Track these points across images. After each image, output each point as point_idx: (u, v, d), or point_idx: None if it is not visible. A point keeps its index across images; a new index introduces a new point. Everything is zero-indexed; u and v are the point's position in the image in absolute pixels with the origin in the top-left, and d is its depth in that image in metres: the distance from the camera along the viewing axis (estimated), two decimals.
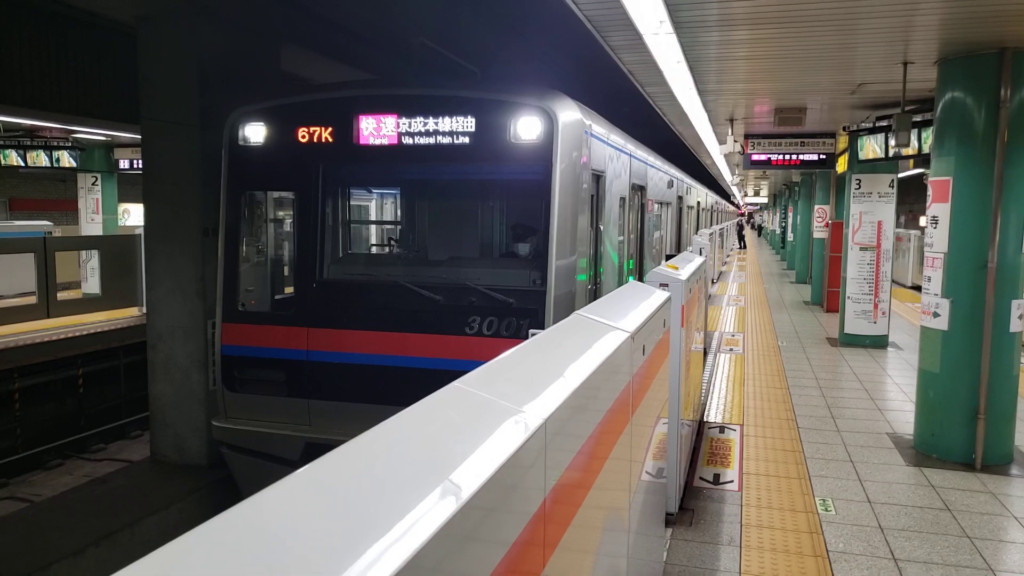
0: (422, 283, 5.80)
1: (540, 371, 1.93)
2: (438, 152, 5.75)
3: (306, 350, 5.95)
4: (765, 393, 7.78)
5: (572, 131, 5.68)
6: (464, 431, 1.41)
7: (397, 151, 5.85)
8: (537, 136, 5.51)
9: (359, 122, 5.88)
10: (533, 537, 1.47)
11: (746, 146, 11.24)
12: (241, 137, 6.20)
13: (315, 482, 1.07)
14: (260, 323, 6.28)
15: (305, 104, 6.19)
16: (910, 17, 4.87)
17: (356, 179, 7.27)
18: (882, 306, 10.57)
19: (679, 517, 4.61)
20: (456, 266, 6.27)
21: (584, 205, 5.98)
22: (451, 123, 5.69)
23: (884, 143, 8.40)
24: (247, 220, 6.53)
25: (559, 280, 5.54)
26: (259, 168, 6.26)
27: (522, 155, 5.58)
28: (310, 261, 6.11)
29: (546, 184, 5.52)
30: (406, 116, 5.78)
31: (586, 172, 6.01)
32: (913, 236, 19.28)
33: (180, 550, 0.82)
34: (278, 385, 6.05)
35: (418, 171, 6.69)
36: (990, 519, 4.66)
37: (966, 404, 5.62)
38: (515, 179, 6.36)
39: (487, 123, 5.63)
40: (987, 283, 5.47)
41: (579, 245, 5.85)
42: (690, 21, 4.99)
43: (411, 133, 5.78)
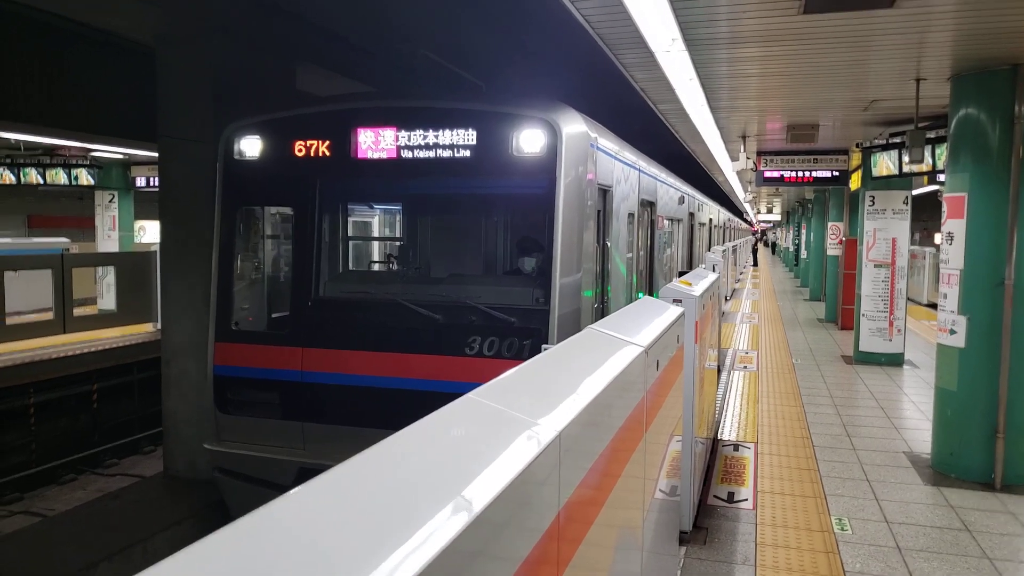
0: (421, 301, 5.62)
1: (554, 384, 1.93)
2: (438, 166, 5.60)
3: (301, 371, 5.76)
4: (780, 411, 7.71)
5: (577, 144, 5.52)
6: (477, 443, 1.41)
7: (396, 165, 5.70)
8: (540, 149, 5.36)
9: (357, 135, 5.75)
10: (546, 554, 1.46)
11: (759, 163, 11.23)
12: (236, 151, 6.09)
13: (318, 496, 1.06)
14: (254, 343, 6.10)
15: (302, 118, 6.07)
16: (923, 34, 4.87)
17: (354, 194, 7.12)
18: (897, 323, 10.48)
19: (693, 535, 4.56)
20: (456, 283, 6.08)
21: (590, 221, 5.79)
22: (452, 136, 5.54)
23: (898, 159, 8.37)
24: (242, 236, 6.41)
25: (563, 298, 5.35)
26: (255, 183, 6.13)
27: (525, 169, 5.43)
28: (306, 278, 5.96)
29: (550, 199, 5.37)
30: (405, 129, 5.65)
31: (592, 187, 5.82)
32: (928, 253, 19.14)
33: (202, 552, 0.83)
34: (272, 407, 5.87)
35: (418, 185, 6.50)
36: (1010, 540, 4.58)
37: (984, 422, 5.54)
38: (518, 193, 6.20)
39: (489, 136, 5.48)
40: (1005, 300, 5.41)
41: (584, 262, 5.65)
42: (702, 39, 5.02)
43: (411, 146, 5.64)
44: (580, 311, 5.57)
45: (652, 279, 9.76)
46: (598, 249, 6.26)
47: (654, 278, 9.83)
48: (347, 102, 6.28)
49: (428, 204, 7.48)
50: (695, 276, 5.78)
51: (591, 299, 5.90)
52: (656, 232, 9.84)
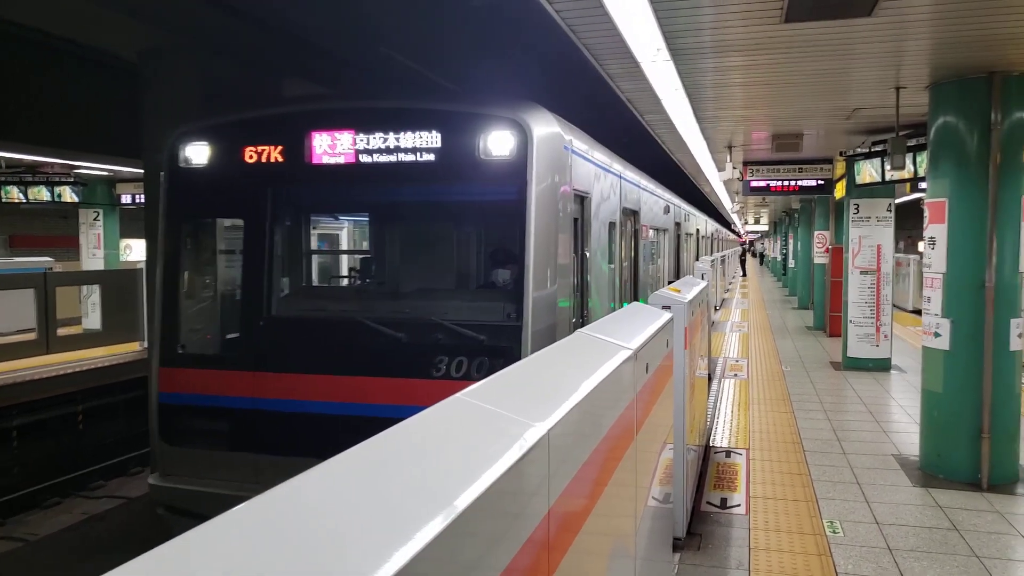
0: (382, 319, 5.21)
1: (543, 384, 1.94)
2: (399, 171, 5.21)
3: (252, 397, 5.30)
4: (770, 417, 7.74)
5: (549, 146, 5.16)
6: (464, 441, 1.41)
7: (354, 171, 5.30)
8: (509, 152, 4.98)
9: (312, 140, 5.35)
10: (534, 556, 1.45)
11: (745, 172, 11.33)
12: (182, 158, 5.64)
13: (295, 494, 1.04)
14: (202, 367, 5.60)
15: (253, 121, 5.64)
16: (901, 43, 4.96)
17: (309, 203, 6.52)
18: (884, 329, 10.57)
19: (687, 542, 4.56)
20: (421, 299, 5.68)
21: (565, 229, 5.42)
22: (413, 139, 5.16)
23: (880, 167, 8.48)
24: (190, 251, 5.98)
25: (537, 313, 4.96)
26: (202, 193, 5.68)
27: (493, 173, 5.04)
28: (257, 296, 5.51)
29: (521, 205, 4.98)
30: (364, 132, 5.25)
31: (567, 193, 5.47)
32: (912, 261, 19.32)
33: (185, 546, 0.83)
34: (222, 438, 5.41)
35: (377, 193, 5.96)
36: (998, 538, 4.61)
37: (970, 424, 5.59)
38: (487, 200, 5.68)
39: (453, 138, 5.10)
40: (986, 302, 5.48)
41: (560, 274, 5.28)
42: (686, 48, 5.08)
43: (369, 151, 5.25)
44: (556, 327, 5.20)
45: (637, 292, 9.38)
46: (576, 260, 5.93)
47: (639, 291, 9.46)
48: (301, 104, 5.88)
49: (389, 213, 6.95)
50: (684, 284, 5.82)
51: (568, 314, 5.55)
52: (640, 242, 9.50)
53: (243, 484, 5.10)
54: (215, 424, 5.44)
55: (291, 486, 1.05)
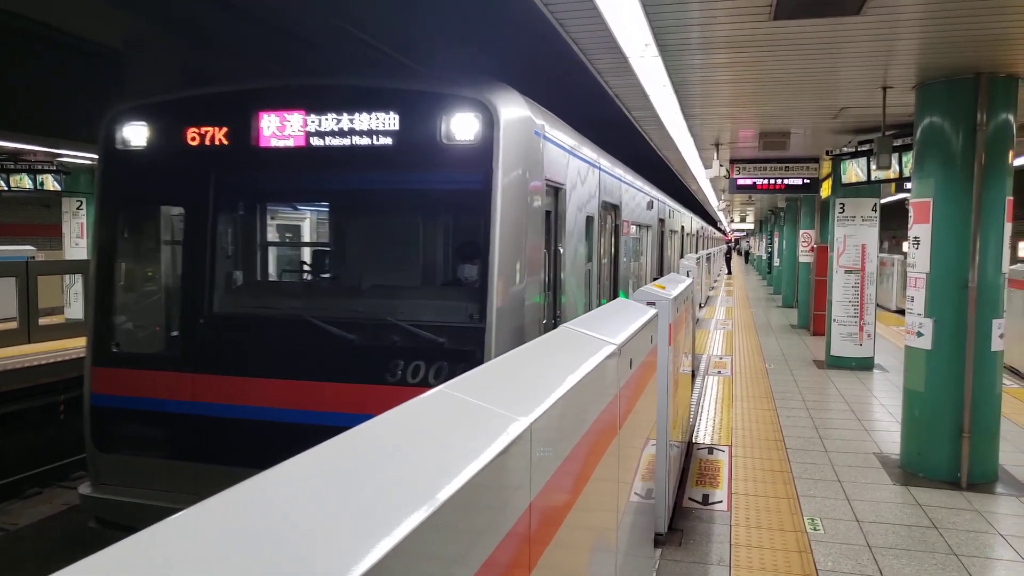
0: (333, 318, 4.83)
1: (526, 378, 1.92)
2: (353, 156, 4.82)
3: (191, 401, 4.90)
4: (753, 415, 7.78)
5: (518, 131, 4.77)
6: (445, 433, 1.40)
7: (304, 156, 4.90)
8: (474, 136, 4.60)
9: (259, 121, 4.94)
10: (515, 549, 1.45)
11: (731, 170, 11.36)
12: (120, 140, 5.21)
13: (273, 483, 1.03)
14: (139, 367, 5.16)
15: (196, 100, 5.21)
16: (889, 42, 4.97)
17: (255, 190, 5.95)
18: (867, 328, 10.64)
19: (668, 537, 4.58)
20: (375, 297, 5.26)
21: (536, 223, 5.04)
22: (369, 121, 4.75)
23: (866, 167, 8.53)
24: (128, 241, 5.53)
25: (503, 314, 4.58)
26: (141, 178, 5.25)
27: (456, 160, 4.66)
28: (198, 291, 5.10)
29: (485, 195, 4.59)
30: (315, 112, 4.86)
31: (538, 182, 5.09)
32: (897, 261, 19.50)
33: (157, 535, 0.81)
34: (159, 445, 5.01)
35: (329, 180, 5.47)
36: (976, 536, 4.65)
37: (951, 423, 5.64)
38: (448, 189, 5.25)
39: (412, 120, 4.70)
40: (968, 303, 5.53)
41: (529, 272, 4.91)
42: (674, 44, 5.07)
43: (321, 133, 4.85)
44: (524, 328, 4.84)
45: (616, 291, 8.95)
46: (548, 257, 5.54)
47: (619, 290, 9.04)
48: (248, 82, 5.35)
49: (342, 202, 6.48)
50: (670, 281, 5.83)
51: (538, 314, 5.16)
52: (621, 238, 9.09)
53: (181, 496, 4.43)
54: (151, 430, 5.05)
55: (266, 477, 1.03)
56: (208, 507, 0.91)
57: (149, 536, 0.81)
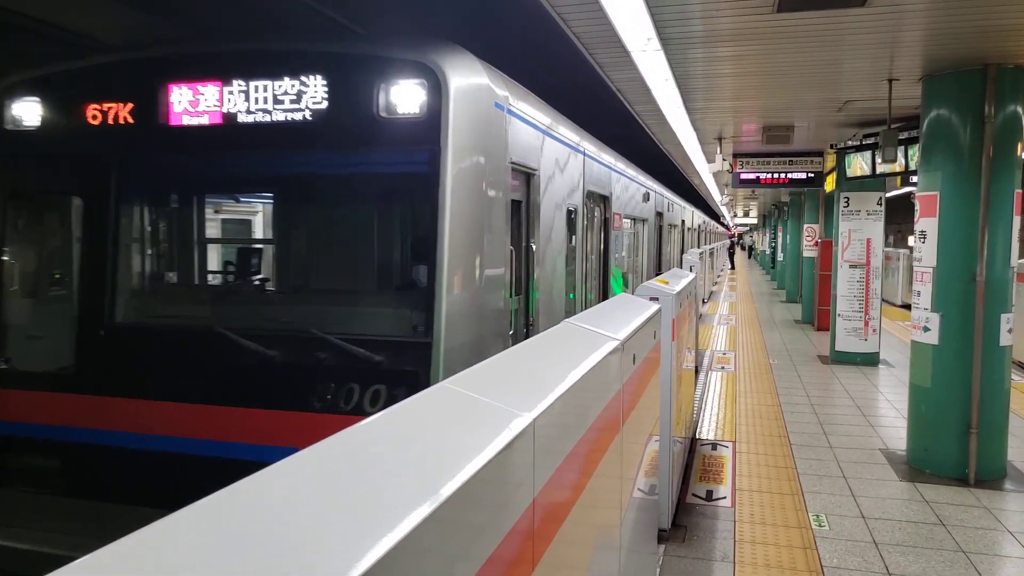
0: (249, 330, 4.07)
1: (529, 373, 1.90)
2: (276, 135, 4.09)
3: (85, 428, 4.16)
4: (757, 410, 7.74)
5: (473, 102, 4.02)
6: (448, 429, 1.37)
7: (222, 134, 4.18)
8: (418, 108, 3.85)
9: (168, 94, 4.21)
10: (518, 546, 1.42)
11: (735, 165, 11.31)
12: (8, 119, 4.53)
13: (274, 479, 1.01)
14: (25, 387, 4.39)
15: (95, 71, 4.49)
16: (895, 34, 4.92)
17: (164, 175, 4.99)
18: (873, 323, 10.59)
19: (672, 534, 4.55)
20: (301, 304, 4.58)
21: (498, 214, 4.28)
22: (296, 92, 4.03)
23: (871, 160, 8.47)
24: (16, 238, 4.78)
25: (454, 325, 3.82)
26: (32, 163, 4.58)
27: (396, 137, 3.91)
28: (96, 297, 4.36)
29: (432, 180, 3.83)
30: (233, 82, 4.13)
31: (502, 166, 4.35)
32: (902, 255, 19.42)
33: (164, 529, 0.78)
34: (47, 479, 4.25)
35: (249, 163, 4.60)
36: (984, 533, 4.62)
37: (958, 419, 5.60)
38: (388, 173, 4.42)
39: (344, 90, 3.97)
40: (976, 297, 5.48)
41: (489, 272, 4.15)
42: (677, 37, 5.03)
43: (241, 109, 4.13)
44: (483, 341, 4.08)
45: (606, 292, 8.05)
46: (516, 254, 4.80)
47: (609, 291, 8.13)
48: (153, 48, 4.57)
49: (264, 190, 5.60)
50: (672, 276, 5.79)
51: (502, 324, 4.40)
52: (611, 233, 8.24)
53: (71, 539, 3.98)
54: (38, 461, 4.30)
55: (269, 473, 1.01)
56: (207, 504, 0.89)
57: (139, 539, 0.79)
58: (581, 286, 6.88)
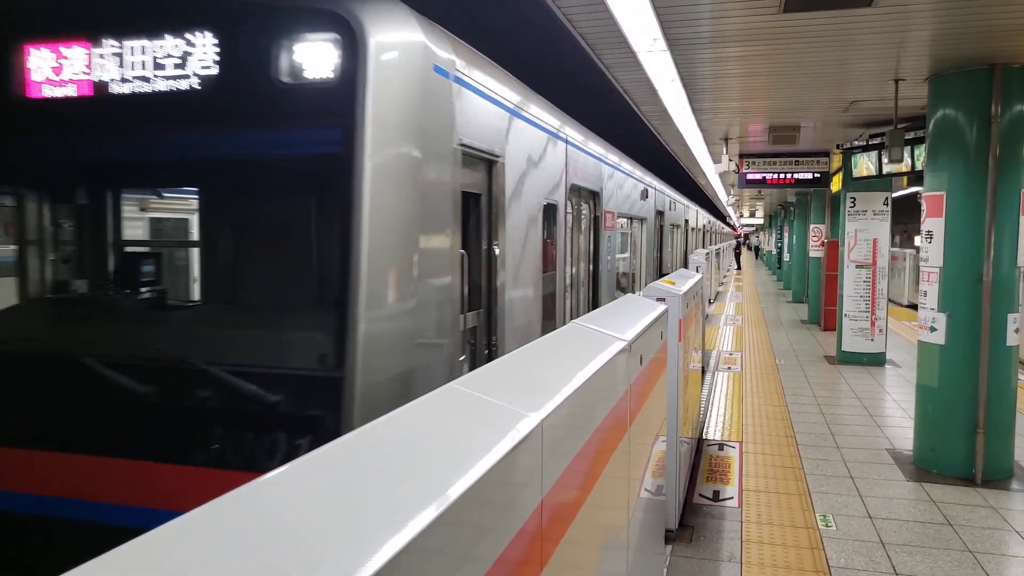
0: (110, 357, 3.18)
1: (537, 375, 1.91)
2: (160, 108, 3.23)
3: None
4: (764, 411, 7.74)
5: (405, 64, 3.16)
6: (457, 430, 1.39)
7: (95, 108, 3.32)
8: (330, 71, 3.00)
9: (24, 58, 3.38)
10: (526, 547, 1.43)
11: (741, 165, 11.30)
12: None
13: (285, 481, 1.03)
14: None
15: None
16: (902, 34, 4.92)
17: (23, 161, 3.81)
18: (879, 323, 10.57)
19: (679, 534, 4.55)
20: (177, 324, 3.66)
21: (441, 209, 3.44)
22: (181, 53, 3.18)
23: (877, 160, 8.46)
24: None
25: (376, 353, 2.98)
26: None
27: (303, 109, 3.07)
28: None
29: (346, 165, 2.98)
30: (105, 43, 3.27)
31: (446, 149, 3.50)
32: (908, 255, 19.35)
33: (172, 531, 0.80)
34: None
35: (123, 145, 3.50)
36: (992, 533, 4.61)
37: (965, 418, 5.59)
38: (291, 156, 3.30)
39: (241, 49, 3.11)
40: (983, 297, 5.47)
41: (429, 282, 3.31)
42: (683, 38, 5.03)
43: (116, 77, 3.27)
44: (420, 372, 3.24)
45: (598, 300, 7.15)
46: (471, 261, 3.97)
47: (599, 299, 7.18)
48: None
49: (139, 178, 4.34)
50: (679, 276, 5.80)
51: (450, 349, 3.54)
52: (602, 234, 7.30)
53: None
54: None
55: (277, 475, 1.03)
56: (215, 507, 0.90)
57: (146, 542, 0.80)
58: (565, 294, 6.00)
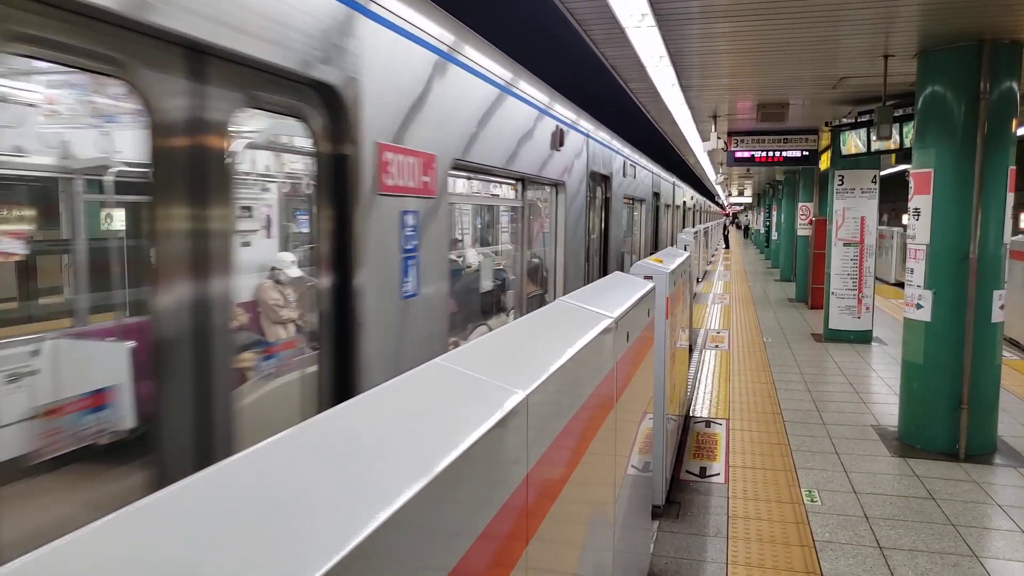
0: None
1: (522, 351, 1.90)
2: None
3: None
4: (751, 388, 7.79)
5: None
6: (441, 405, 1.38)
7: None
8: None
9: None
10: (512, 522, 1.43)
11: (729, 143, 11.27)
12: None
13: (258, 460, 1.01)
14: None
15: None
16: (890, 9, 4.88)
17: None
18: (866, 301, 10.63)
19: (666, 510, 4.59)
20: None
21: None
22: None
23: (866, 138, 8.45)
24: None
25: None
26: None
27: None
28: None
29: None
30: None
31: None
32: (896, 233, 19.45)
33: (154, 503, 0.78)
34: None
35: None
36: (974, 507, 4.67)
37: (949, 395, 5.64)
38: None
39: None
40: (969, 274, 5.49)
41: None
42: (672, 13, 4.98)
43: None
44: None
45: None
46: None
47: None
48: None
49: None
50: (667, 255, 5.79)
51: None
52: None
53: None
54: None
55: (261, 449, 1.01)
56: (198, 479, 0.89)
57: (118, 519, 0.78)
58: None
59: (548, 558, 1.70)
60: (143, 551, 0.74)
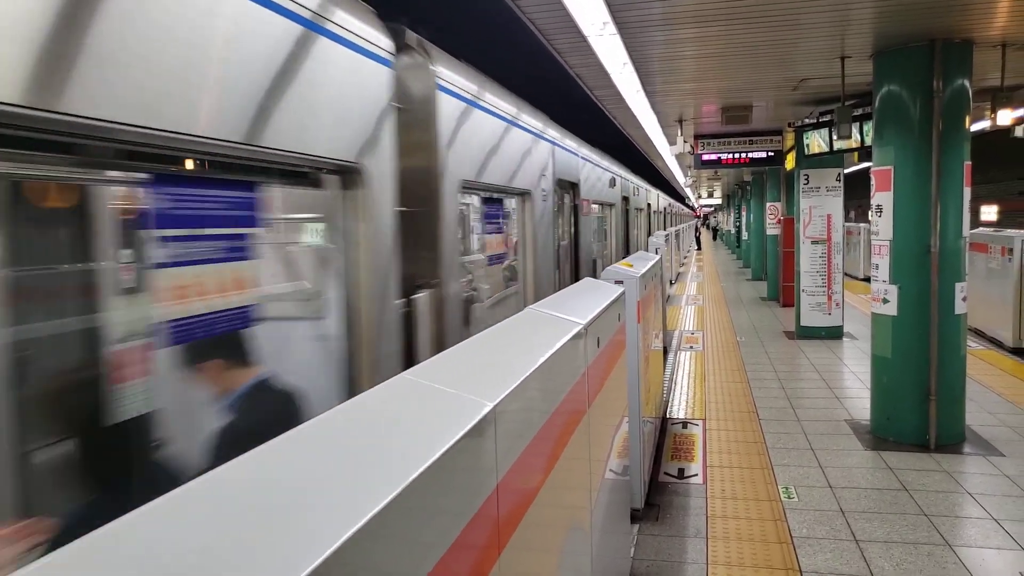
0: None
1: (489, 361, 1.91)
2: None
3: None
4: (726, 388, 7.86)
5: None
6: (408, 419, 1.38)
7: None
8: None
9: None
10: (482, 533, 1.44)
11: (696, 146, 11.41)
12: None
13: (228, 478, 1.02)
14: None
15: None
16: (845, 11, 4.99)
17: None
18: (836, 297, 10.80)
19: (645, 512, 4.61)
20: None
21: None
22: None
23: (828, 137, 8.60)
24: None
25: None
26: None
27: None
28: None
29: None
30: None
31: None
32: (863, 229, 19.78)
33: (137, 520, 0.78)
34: None
35: None
36: (945, 496, 4.76)
37: (918, 387, 5.75)
38: None
39: None
40: (931, 268, 5.61)
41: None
42: (633, 21, 5.05)
43: None
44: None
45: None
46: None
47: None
48: None
49: None
50: (637, 259, 5.83)
51: None
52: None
53: None
54: None
55: (228, 468, 1.01)
56: (177, 494, 0.89)
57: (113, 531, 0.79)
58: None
59: (522, 566, 1.71)
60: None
